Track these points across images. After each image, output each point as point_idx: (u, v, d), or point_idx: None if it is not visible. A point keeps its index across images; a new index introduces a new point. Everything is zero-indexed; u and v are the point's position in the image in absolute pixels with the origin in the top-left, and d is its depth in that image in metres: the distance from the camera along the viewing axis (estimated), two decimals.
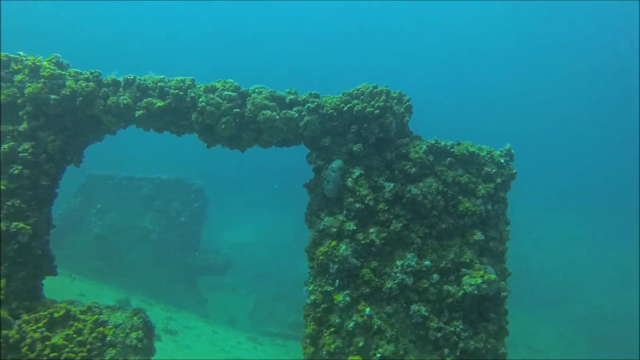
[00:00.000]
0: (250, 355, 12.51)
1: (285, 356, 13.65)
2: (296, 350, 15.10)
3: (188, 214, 18.16)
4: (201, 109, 6.01)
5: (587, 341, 19.26)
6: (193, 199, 18.56)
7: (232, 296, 21.49)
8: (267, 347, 14.16)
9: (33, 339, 5.58)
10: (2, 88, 6.08)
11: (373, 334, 5.97)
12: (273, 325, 17.92)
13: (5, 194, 5.88)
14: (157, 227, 17.60)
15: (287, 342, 16.01)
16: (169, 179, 18.16)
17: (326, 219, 6.25)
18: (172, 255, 17.85)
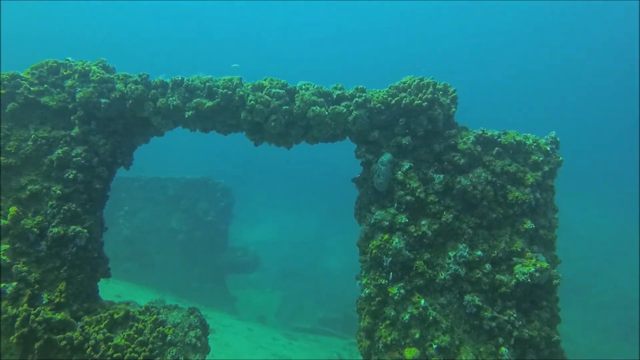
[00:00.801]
0: (287, 351, 12.61)
1: (320, 351, 13.74)
2: (330, 345, 15.21)
3: (215, 212, 18.28)
4: (250, 107, 6.03)
5: (617, 328, 19.12)
6: (219, 198, 18.67)
7: (259, 293, 21.67)
8: (302, 342, 14.27)
9: (96, 340, 5.67)
10: (53, 94, 6.15)
11: (428, 325, 5.99)
12: (303, 321, 18.04)
13: (61, 198, 5.97)
14: (185, 227, 17.75)
15: (318, 337, 16.10)
16: (194, 178, 18.28)
17: (377, 212, 6.26)
18: (200, 255, 18.01)
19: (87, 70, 6.11)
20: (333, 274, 27.46)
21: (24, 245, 5.81)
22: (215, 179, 19.23)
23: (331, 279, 26.20)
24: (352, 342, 16.64)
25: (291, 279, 24.84)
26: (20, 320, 5.50)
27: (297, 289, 23.40)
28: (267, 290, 23.20)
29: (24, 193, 5.91)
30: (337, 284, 25.42)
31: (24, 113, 6.07)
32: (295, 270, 25.53)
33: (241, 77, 6.22)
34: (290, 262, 26.47)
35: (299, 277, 25.41)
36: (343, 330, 18.34)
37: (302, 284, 24.45)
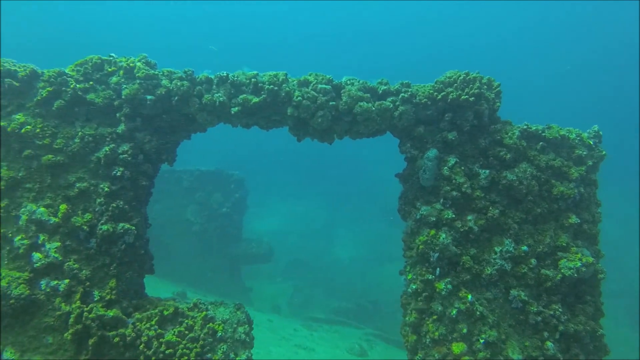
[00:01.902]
0: (310, 342, 12.73)
1: (341, 342, 13.87)
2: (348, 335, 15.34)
3: (230, 204, 18.29)
4: (297, 103, 6.00)
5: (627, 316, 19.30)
6: (233, 190, 18.67)
7: (270, 283, 21.79)
8: (322, 333, 14.41)
9: (149, 336, 5.71)
10: (98, 91, 6.11)
11: (475, 320, 6.03)
12: (317, 311, 18.18)
13: (109, 195, 5.96)
14: (199, 219, 17.78)
15: (333, 327, 16.23)
16: (209, 170, 18.26)
17: (423, 208, 6.26)
18: (215, 246, 18.06)
19: (132, 67, 6.06)
20: (342, 263, 27.61)
21: (74, 243, 5.82)
22: (229, 171, 19.20)
23: (341, 269, 26.35)
24: (367, 332, 16.80)
25: (301, 269, 24.96)
26: (74, 317, 5.54)
27: (307, 279, 23.52)
28: (278, 280, 23.33)
29: (72, 190, 5.91)
30: (347, 273, 25.58)
31: (70, 110, 6.03)
32: (304, 260, 25.65)
33: (287, 73, 6.17)
34: (300, 252, 26.59)
35: (308, 267, 25.53)
36: (357, 319, 18.49)
37: (312, 273, 24.58)
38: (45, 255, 5.64)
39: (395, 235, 24.15)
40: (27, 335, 5.54)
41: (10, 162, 5.86)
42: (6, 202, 5.76)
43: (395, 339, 16.69)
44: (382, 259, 27.82)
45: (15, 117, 5.87)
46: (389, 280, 24.84)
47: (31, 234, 5.69)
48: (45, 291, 5.62)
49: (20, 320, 5.54)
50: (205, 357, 5.72)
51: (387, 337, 16.62)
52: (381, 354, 13.97)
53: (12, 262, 5.66)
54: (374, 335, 16.44)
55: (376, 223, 33.67)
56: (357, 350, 13.22)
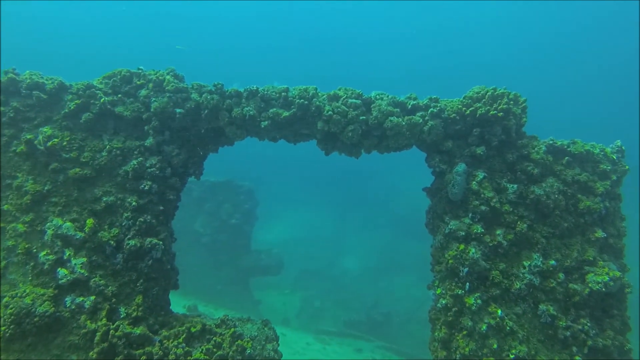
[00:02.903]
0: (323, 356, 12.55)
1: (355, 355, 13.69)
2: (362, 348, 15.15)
3: (239, 215, 18.11)
4: (328, 117, 5.99)
5: None
6: (243, 200, 18.52)
7: (278, 295, 21.49)
8: (335, 347, 14.23)
9: (176, 354, 5.56)
10: (126, 103, 6.04)
11: (505, 335, 5.99)
12: (327, 324, 17.96)
13: (137, 209, 5.86)
14: (209, 230, 17.59)
15: (344, 340, 16.03)
16: (218, 181, 18.09)
17: (452, 222, 6.25)
18: (224, 257, 17.83)
19: (161, 80, 6.01)
20: (352, 274, 27.43)
21: (100, 258, 5.69)
22: (239, 182, 19.06)
23: (350, 279, 26.17)
24: (378, 345, 16.63)
25: (309, 280, 24.77)
26: (100, 335, 5.38)
27: (315, 290, 23.31)
28: (286, 292, 23.03)
29: (99, 205, 5.79)
30: (357, 284, 25.39)
31: (98, 123, 5.95)
32: (312, 271, 25.46)
33: (317, 87, 6.17)
34: (308, 262, 26.37)
35: (316, 278, 25.34)
36: (368, 332, 18.29)
37: (320, 284, 24.38)
38: (71, 271, 5.50)
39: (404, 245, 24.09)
40: (50, 355, 5.37)
41: (37, 176, 5.74)
42: (32, 216, 5.62)
43: (407, 351, 16.54)
44: (391, 269, 27.71)
45: (43, 130, 5.77)
46: (400, 290, 24.71)
47: (57, 249, 5.55)
48: (70, 308, 5.47)
49: (44, 338, 5.37)
50: None
51: (398, 349, 16.48)
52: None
53: (37, 278, 5.50)
54: (385, 348, 16.29)
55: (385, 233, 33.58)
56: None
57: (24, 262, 5.52)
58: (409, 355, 15.98)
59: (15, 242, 5.53)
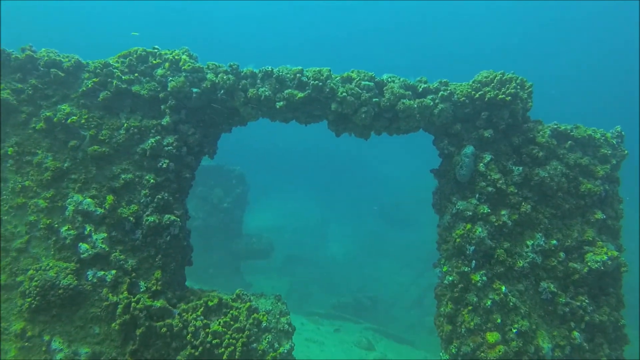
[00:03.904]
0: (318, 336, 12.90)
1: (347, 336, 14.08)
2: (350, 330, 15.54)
3: (230, 199, 18.24)
4: (341, 99, 6.12)
5: None
6: (235, 185, 18.62)
7: (266, 279, 21.79)
8: (327, 327, 14.59)
9: (196, 326, 5.77)
10: (143, 82, 6.12)
11: (509, 310, 6.29)
12: (315, 307, 18.32)
13: (154, 187, 5.99)
14: (201, 214, 17.71)
15: (333, 322, 16.42)
16: (210, 165, 18.13)
17: (459, 202, 6.48)
18: (216, 241, 17.99)
19: (178, 59, 6.09)
20: (337, 260, 27.83)
21: (120, 234, 5.84)
22: (230, 166, 19.12)
23: (335, 265, 26.55)
24: (366, 327, 17.05)
25: (295, 265, 25.08)
26: (122, 308, 5.57)
27: (302, 275, 23.63)
28: (273, 276, 23.33)
29: (117, 182, 5.92)
30: (342, 269, 25.80)
31: (115, 102, 6.03)
32: (298, 257, 25.79)
33: (330, 69, 6.29)
34: (294, 248, 26.67)
35: (303, 263, 25.66)
36: (355, 315, 18.72)
37: (307, 270, 24.71)
38: (92, 245, 5.65)
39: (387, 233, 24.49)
40: (74, 326, 5.56)
41: (56, 153, 5.83)
42: (52, 192, 5.74)
43: (394, 333, 17.01)
44: (376, 255, 28.20)
45: (61, 108, 5.85)
46: (384, 276, 25.21)
47: (77, 225, 5.69)
48: (92, 282, 5.63)
49: (67, 310, 5.55)
50: (251, 347, 5.82)
51: (385, 331, 16.91)
52: (386, 347, 14.23)
53: (59, 252, 5.65)
54: (373, 329, 16.70)
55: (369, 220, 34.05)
56: (365, 343, 13.45)
57: (46, 237, 5.65)
58: (395, 337, 16.44)
59: (37, 218, 5.65)
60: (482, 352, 6.10)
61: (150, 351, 5.66)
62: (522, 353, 6.12)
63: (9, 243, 5.55)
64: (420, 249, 27.92)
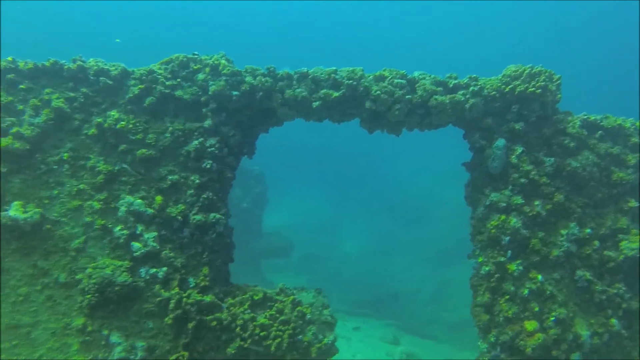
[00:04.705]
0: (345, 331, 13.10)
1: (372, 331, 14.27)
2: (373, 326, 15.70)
3: (250, 199, 18.49)
4: (375, 97, 6.34)
5: None
6: (253, 184, 18.88)
7: (283, 277, 22.04)
8: (352, 323, 14.81)
9: (244, 320, 6.02)
10: (185, 87, 6.41)
11: (545, 299, 6.42)
12: (337, 304, 18.50)
13: (199, 187, 6.27)
14: None
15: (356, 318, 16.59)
16: None
17: (493, 194, 6.64)
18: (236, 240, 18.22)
19: (217, 64, 6.36)
20: (352, 257, 28.03)
21: (168, 233, 6.13)
22: (248, 166, 19.36)
23: (351, 263, 26.75)
24: (388, 323, 17.19)
25: (312, 263, 25.34)
26: (174, 303, 5.84)
27: (319, 273, 23.86)
28: (291, 274, 23.57)
29: (165, 183, 6.21)
30: (358, 267, 25.97)
31: (159, 106, 6.33)
32: (314, 255, 26.06)
33: (363, 68, 6.51)
34: (309, 246, 26.90)
35: (319, 261, 25.93)
36: (375, 310, 18.86)
37: (323, 267, 24.96)
38: (144, 244, 5.94)
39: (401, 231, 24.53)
40: (129, 320, 5.85)
41: (107, 157, 6.15)
42: (105, 194, 6.05)
43: (415, 328, 17.13)
44: (390, 252, 28.36)
45: (111, 114, 6.16)
46: (400, 272, 25.32)
47: (130, 225, 5.98)
48: (145, 278, 5.92)
49: (123, 306, 5.84)
50: (297, 339, 6.04)
51: (407, 327, 17.04)
52: (410, 342, 14.36)
53: (113, 251, 5.95)
54: (395, 325, 16.84)
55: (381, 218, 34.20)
56: (390, 338, 13.62)
57: (101, 237, 5.96)
58: (417, 332, 16.55)
59: (92, 219, 5.96)
60: (521, 340, 6.24)
61: (201, 344, 5.93)
62: (561, 341, 6.25)
63: (68, 243, 5.87)
64: (434, 246, 28.04)
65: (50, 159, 6.01)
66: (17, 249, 5.78)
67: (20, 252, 5.79)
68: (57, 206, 5.96)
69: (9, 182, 5.89)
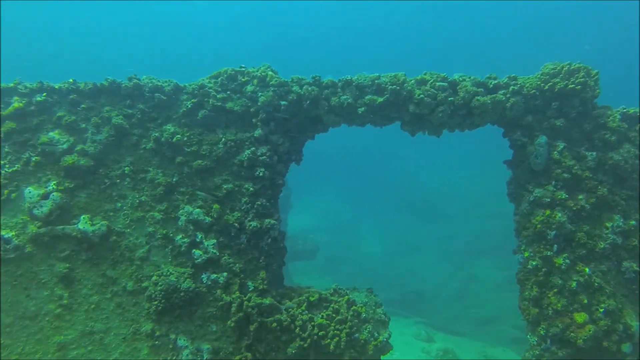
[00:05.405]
0: None
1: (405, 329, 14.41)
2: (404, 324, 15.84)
3: None
4: (419, 100, 6.54)
5: None
6: None
7: (308, 280, 22.26)
8: None
9: (303, 320, 6.25)
10: (234, 99, 6.68)
11: (594, 291, 6.54)
12: None
13: (253, 194, 6.52)
14: None
15: None
16: None
17: (537, 190, 6.78)
18: None
19: (264, 75, 6.62)
20: (374, 257, 28.13)
21: (226, 239, 6.39)
22: None
23: (373, 262, 26.86)
24: (416, 321, 17.31)
25: (336, 264, 25.49)
26: (236, 306, 6.10)
27: (342, 274, 23.99)
28: (315, 276, 23.76)
29: (220, 192, 6.47)
30: (380, 266, 26.07)
31: (211, 119, 6.60)
32: (337, 257, 26.22)
33: (405, 73, 6.71)
34: (330, 248, 27.08)
35: (342, 261, 26.09)
36: (402, 309, 18.98)
37: (346, 268, 25.09)
38: (204, 251, 6.21)
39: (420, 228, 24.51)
40: (194, 324, 6.12)
41: (165, 169, 6.44)
42: (165, 205, 6.34)
43: (443, 325, 17.21)
44: (411, 250, 28.44)
45: (166, 128, 6.46)
46: (422, 270, 25.40)
47: (190, 233, 6.26)
48: (207, 284, 6.19)
49: (187, 311, 6.12)
50: (354, 337, 6.25)
51: (435, 324, 17.15)
52: (443, 339, 14.47)
53: (175, 259, 6.24)
54: (423, 323, 16.95)
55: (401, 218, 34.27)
56: (424, 335, 13.76)
57: (164, 246, 6.25)
58: (445, 329, 16.64)
59: (154, 229, 6.26)
60: (572, 332, 6.37)
61: (263, 345, 6.17)
62: (611, 331, 6.36)
63: (133, 253, 6.17)
64: (454, 243, 28.05)
65: (112, 173, 6.33)
66: (87, 260, 6.10)
67: (90, 263, 6.10)
68: (121, 218, 6.26)
69: (75, 197, 6.21)
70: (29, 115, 6.27)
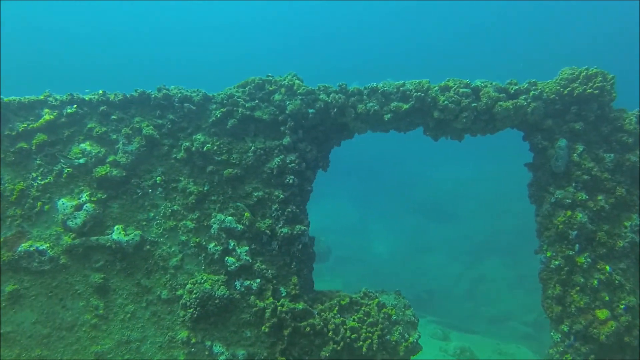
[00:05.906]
0: None
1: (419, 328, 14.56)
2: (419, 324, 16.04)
3: None
4: (443, 107, 6.69)
5: None
6: None
7: (320, 282, 22.37)
8: None
9: (335, 324, 6.37)
10: (262, 108, 6.78)
11: (615, 288, 6.75)
12: None
13: (283, 201, 6.62)
14: None
15: None
16: None
17: (557, 192, 6.98)
18: None
19: (292, 84, 6.73)
20: (383, 257, 28.31)
21: (258, 246, 6.48)
22: None
23: (383, 263, 27.05)
24: (430, 320, 17.53)
25: (346, 265, 25.61)
26: (269, 312, 6.20)
27: (354, 275, 24.13)
28: (326, 278, 23.88)
29: (251, 199, 6.57)
30: (390, 267, 26.28)
31: (240, 128, 6.69)
32: (346, 258, 26.34)
33: (429, 80, 6.87)
34: (340, 249, 27.22)
35: (352, 262, 26.21)
36: (415, 308, 19.19)
37: (357, 268, 25.24)
38: (237, 258, 6.30)
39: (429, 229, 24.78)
40: (229, 331, 6.21)
41: (196, 178, 6.52)
42: (197, 213, 6.42)
43: (457, 324, 17.45)
44: (421, 251, 28.67)
45: (197, 137, 6.53)
46: (432, 270, 25.66)
47: (222, 241, 6.35)
48: (240, 291, 6.28)
49: (222, 317, 6.20)
50: (385, 339, 6.39)
51: (448, 323, 17.37)
52: (459, 337, 14.69)
53: (209, 266, 6.32)
54: (436, 322, 17.17)
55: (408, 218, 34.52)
56: (440, 334, 13.96)
57: (197, 254, 6.32)
58: (458, 328, 16.88)
59: (187, 237, 6.33)
60: (594, 329, 6.57)
61: (297, 349, 6.28)
62: (633, 327, 6.58)
63: (167, 262, 6.24)
64: (463, 242, 28.32)
65: (144, 183, 6.39)
66: (121, 270, 6.15)
67: (124, 272, 6.16)
68: (154, 227, 6.33)
69: (108, 208, 6.26)
70: (60, 127, 6.30)
